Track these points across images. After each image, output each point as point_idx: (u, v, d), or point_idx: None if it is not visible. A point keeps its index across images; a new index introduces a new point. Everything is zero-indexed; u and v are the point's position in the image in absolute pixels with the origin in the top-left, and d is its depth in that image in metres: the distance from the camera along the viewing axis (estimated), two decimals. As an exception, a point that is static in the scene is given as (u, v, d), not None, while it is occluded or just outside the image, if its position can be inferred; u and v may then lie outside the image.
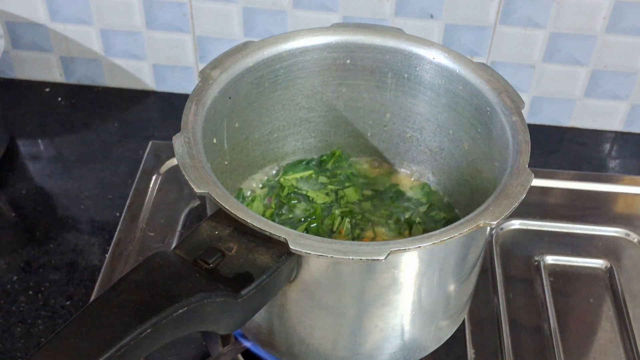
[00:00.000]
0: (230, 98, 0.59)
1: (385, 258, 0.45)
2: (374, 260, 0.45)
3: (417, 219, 0.65)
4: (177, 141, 0.51)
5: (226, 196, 0.48)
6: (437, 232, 0.47)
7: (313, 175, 0.69)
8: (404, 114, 0.66)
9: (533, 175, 0.51)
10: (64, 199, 0.79)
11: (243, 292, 0.45)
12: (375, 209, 0.67)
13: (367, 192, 0.68)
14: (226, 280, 0.45)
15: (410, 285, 0.52)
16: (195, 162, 0.50)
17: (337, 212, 0.66)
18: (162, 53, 0.88)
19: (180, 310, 0.42)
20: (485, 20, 0.80)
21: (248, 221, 0.46)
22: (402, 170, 0.70)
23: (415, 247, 0.46)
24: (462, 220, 0.48)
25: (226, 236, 0.48)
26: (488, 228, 0.49)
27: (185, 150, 0.50)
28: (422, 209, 0.67)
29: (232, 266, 0.46)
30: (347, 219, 0.64)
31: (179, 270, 0.45)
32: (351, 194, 0.67)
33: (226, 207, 0.47)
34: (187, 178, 0.49)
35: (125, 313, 0.41)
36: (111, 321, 0.40)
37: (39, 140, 0.86)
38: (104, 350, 0.39)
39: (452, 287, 0.56)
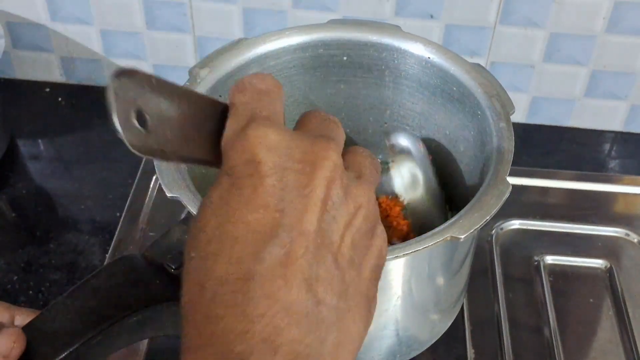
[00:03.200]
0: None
1: None
2: None
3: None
4: None
5: (196, 200, 0.48)
6: (402, 244, 0.47)
7: None
8: (403, 112, 0.66)
9: (510, 186, 0.49)
10: (64, 199, 0.79)
11: None
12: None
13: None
14: None
15: (397, 286, 0.53)
16: (170, 165, 0.50)
17: None
18: (162, 53, 0.88)
19: (135, 318, 0.42)
20: (485, 20, 0.80)
21: None
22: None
23: None
24: (429, 233, 0.47)
25: None
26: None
27: None
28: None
29: None
30: None
31: (140, 276, 0.45)
32: None
33: (194, 211, 0.47)
34: (160, 181, 0.49)
35: (78, 319, 0.41)
36: (64, 326, 0.41)
37: (39, 140, 0.86)
38: (55, 355, 0.39)
39: (440, 284, 0.56)
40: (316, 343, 0.30)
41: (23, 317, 0.45)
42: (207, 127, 0.33)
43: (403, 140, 0.60)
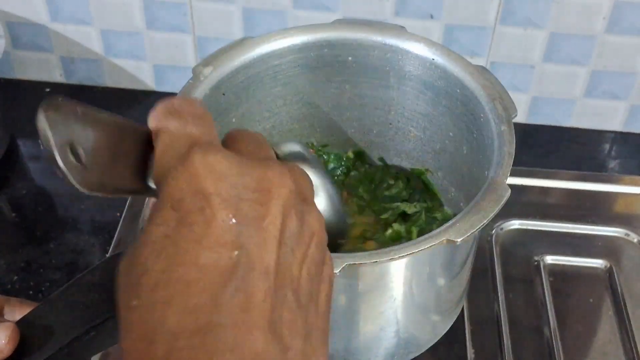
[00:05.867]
0: (224, 94, 0.59)
1: (340, 272, 0.45)
2: None
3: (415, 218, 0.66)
4: None
5: None
6: (397, 247, 0.47)
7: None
8: (407, 113, 0.66)
9: (509, 191, 0.49)
10: (64, 199, 0.79)
11: None
12: (375, 201, 0.67)
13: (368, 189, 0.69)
14: None
15: (396, 287, 0.53)
16: None
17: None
18: (162, 53, 0.88)
19: None
20: (485, 20, 0.80)
21: None
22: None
23: (371, 262, 0.46)
24: (426, 236, 0.47)
25: None
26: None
27: None
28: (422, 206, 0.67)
29: None
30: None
31: None
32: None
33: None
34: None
35: (72, 315, 0.41)
36: (58, 322, 0.41)
37: (39, 140, 0.86)
38: (48, 350, 0.39)
39: (440, 285, 0.56)
40: None
41: (14, 308, 0.45)
42: (136, 153, 0.30)
43: (294, 147, 0.59)
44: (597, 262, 0.72)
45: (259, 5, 0.82)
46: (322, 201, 0.52)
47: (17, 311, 0.45)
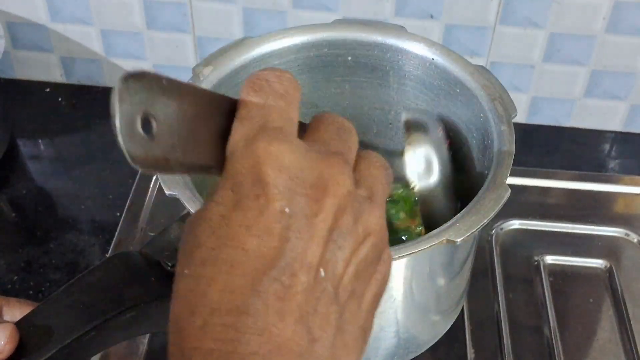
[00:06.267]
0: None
1: None
2: None
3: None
4: None
5: (194, 199, 0.48)
6: (397, 247, 0.47)
7: None
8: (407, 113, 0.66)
9: (509, 191, 0.49)
10: (64, 199, 0.79)
11: None
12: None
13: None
14: None
15: (396, 287, 0.53)
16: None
17: None
18: (162, 53, 0.88)
19: (128, 315, 0.42)
20: (485, 20, 0.80)
21: None
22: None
23: None
24: (426, 236, 0.47)
25: None
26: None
27: None
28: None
29: None
30: None
31: (135, 273, 0.45)
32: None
33: (192, 210, 0.47)
34: (160, 179, 0.49)
35: (73, 315, 0.41)
36: (58, 322, 0.41)
37: (39, 140, 0.86)
38: (47, 350, 0.39)
39: (441, 285, 0.56)
40: None
41: (13, 308, 0.45)
42: (213, 127, 0.30)
43: (421, 118, 0.56)
44: (597, 262, 0.72)
45: (259, 5, 0.82)
46: (433, 180, 0.53)
47: (17, 311, 0.45)
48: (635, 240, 0.74)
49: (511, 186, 0.50)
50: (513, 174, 0.51)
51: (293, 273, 0.28)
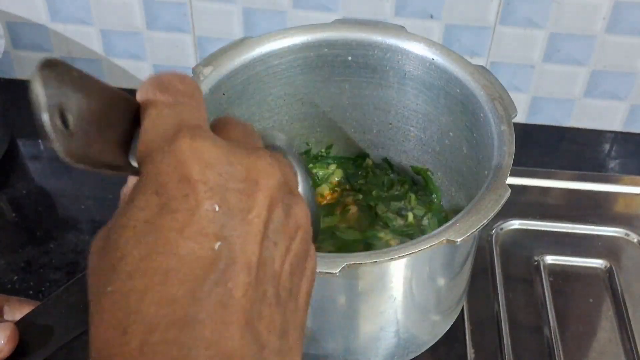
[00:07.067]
0: (224, 94, 0.59)
1: (339, 272, 0.45)
2: (328, 274, 0.45)
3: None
4: None
5: None
6: (397, 247, 0.47)
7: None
8: (407, 113, 0.66)
9: (509, 191, 0.49)
10: (64, 199, 0.79)
11: None
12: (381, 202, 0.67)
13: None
14: None
15: (396, 287, 0.53)
16: None
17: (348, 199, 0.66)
18: (162, 53, 0.88)
19: None
20: (485, 20, 0.80)
21: None
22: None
23: (371, 262, 0.46)
24: (426, 236, 0.47)
25: None
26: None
27: None
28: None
29: None
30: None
31: None
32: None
33: None
34: None
35: (72, 314, 0.41)
36: (58, 321, 0.41)
37: (39, 140, 0.86)
38: (47, 350, 0.39)
39: (441, 285, 0.57)
40: None
41: (13, 308, 0.45)
42: (122, 127, 0.28)
43: (278, 139, 0.59)
44: (597, 262, 0.72)
45: (259, 5, 0.82)
46: (300, 187, 0.51)
47: (17, 311, 0.44)
48: (635, 240, 0.74)
49: (511, 186, 0.50)
50: (513, 174, 0.51)
51: (234, 275, 0.26)
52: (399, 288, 0.53)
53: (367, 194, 0.68)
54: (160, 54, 0.88)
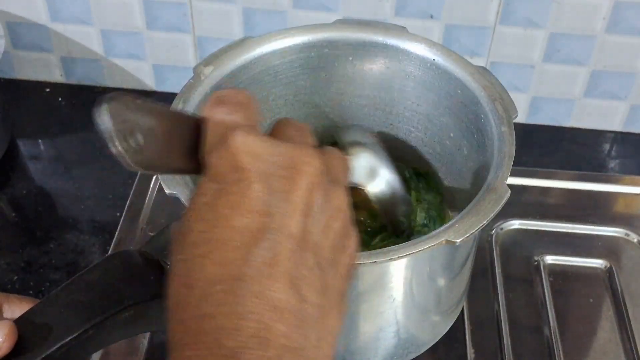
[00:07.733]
0: None
1: None
2: None
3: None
4: None
5: None
6: (397, 247, 0.47)
7: None
8: (408, 113, 0.66)
9: (509, 192, 0.49)
10: (64, 199, 0.79)
11: None
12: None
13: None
14: None
15: (395, 287, 0.53)
16: None
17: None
18: (162, 53, 0.88)
19: (127, 313, 0.42)
20: (485, 20, 0.80)
21: None
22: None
23: (370, 262, 0.46)
24: (426, 236, 0.47)
25: None
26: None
27: None
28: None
29: None
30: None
31: (135, 272, 0.45)
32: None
33: None
34: (160, 179, 0.49)
35: (71, 313, 0.41)
36: (57, 320, 0.41)
37: (39, 140, 0.86)
38: (46, 348, 0.39)
39: (441, 285, 0.56)
40: (301, 338, 0.31)
41: (13, 305, 0.45)
42: (186, 139, 0.35)
43: (354, 134, 0.60)
44: (597, 262, 0.72)
45: (259, 5, 0.82)
46: (380, 182, 0.56)
47: (17, 309, 0.45)
48: (635, 240, 0.74)
49: (511, 186, 0.50)
50: (513, 174, 0.51)
51: (279, 243, 0.32)
52: (398, 288, 0.53)
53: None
54: (160, 54, 0.88)
